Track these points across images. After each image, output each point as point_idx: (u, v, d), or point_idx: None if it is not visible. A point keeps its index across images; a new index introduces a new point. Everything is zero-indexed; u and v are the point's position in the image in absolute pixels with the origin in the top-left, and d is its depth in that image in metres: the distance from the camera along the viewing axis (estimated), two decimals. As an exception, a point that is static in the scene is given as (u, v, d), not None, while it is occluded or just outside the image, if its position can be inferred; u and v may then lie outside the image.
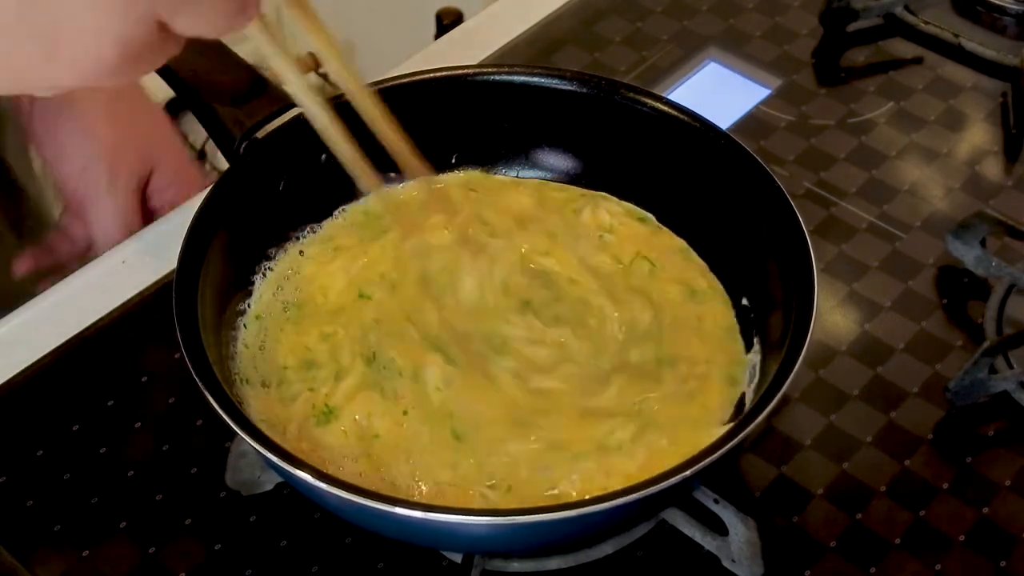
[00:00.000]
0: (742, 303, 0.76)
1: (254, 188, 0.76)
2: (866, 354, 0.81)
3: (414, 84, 0.81)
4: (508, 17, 1.05)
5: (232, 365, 0.72)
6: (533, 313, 0.75)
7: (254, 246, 0.77)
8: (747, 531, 0.68)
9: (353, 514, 0.66)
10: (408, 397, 0.71)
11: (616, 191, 0.82)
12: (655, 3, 1.06)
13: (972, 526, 0.73)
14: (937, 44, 1.02)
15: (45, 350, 0.81)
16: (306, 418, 0.70)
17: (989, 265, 0.83)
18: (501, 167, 0.84)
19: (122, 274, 0.85)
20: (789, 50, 1.02)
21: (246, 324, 0.75)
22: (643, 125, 0.80)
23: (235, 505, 0.73)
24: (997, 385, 0.78)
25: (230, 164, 0.75)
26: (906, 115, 0.97)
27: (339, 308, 0.75)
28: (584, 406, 0.71)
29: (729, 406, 0.72)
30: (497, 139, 0.83)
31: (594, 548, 0.71)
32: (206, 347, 0.67)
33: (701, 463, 0.61)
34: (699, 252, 0.79)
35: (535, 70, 0.82)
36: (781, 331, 0.69)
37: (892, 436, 0.77)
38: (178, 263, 0.70)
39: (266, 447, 0.62)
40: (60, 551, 0.72)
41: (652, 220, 0.81)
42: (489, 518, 0.63)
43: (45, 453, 0.76)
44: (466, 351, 0.73)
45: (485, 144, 0.83)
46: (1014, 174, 0.93)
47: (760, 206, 0.75)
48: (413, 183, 0.78)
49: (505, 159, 0.84)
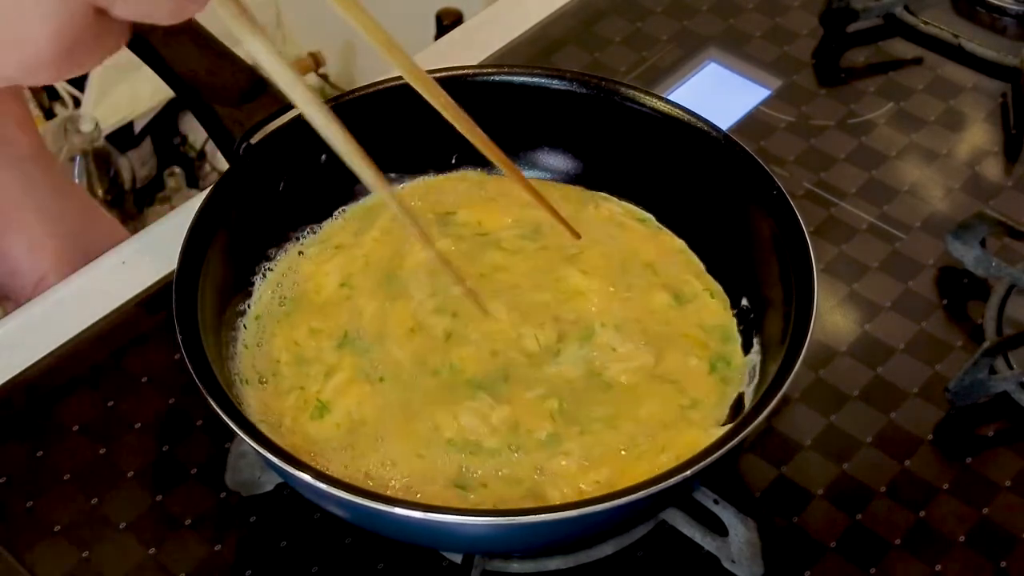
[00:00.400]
0: (742, 304, 0.76)
1: (254, 188, 0.76)
2: (866, 354, 0.81)
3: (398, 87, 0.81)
4: (508, 17, 1.05)
5: (232, 365, 0.72)
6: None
7: (254, 246, 0.77)
8: (747, 532, 0.68)
9: (351, 514, 0.66)
10: (383, 365, 0.72)
11: (616, 191, 0.82)
12: (655, 3, 1.06)
13: (972, 526, 0.73)
14: (937, 44, 1.02)
15: (45, 350, 0.81)
16: (299, 412, 0.71)
17: (989, 265, 0.83)
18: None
19: (122, 274, 0.85)
20: (789, 50, 1.02)
21: (246, 324, 0.75)
22: (643, 125, 0.80)
23: (235, 505, 0.73)
24: (997, 385, 0.78)
25: (230, 164, 0.75)
26: (906, 115, 0.97)
27: (328, 302, 0.76)
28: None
29: (725, 406, 0.72)
30: (497, 140, 0.83)
31: (594, 548, 0.71)
32: (206, 348, 0.67)
33: (701, 463, 0.61)
34: (699, 252, 0.79)
35: (535, 70, 0.82)
36: (781, 331, 0.69)
37: (892, 436, 0.77)
38: (178, 263, 0.70)
39: (266, 448, 0.62)
40: (60, 551, 0.72)
41: (652, 221, 0.81)
42: (487, 518, 0.63)
43: (45, 453, 0.76)
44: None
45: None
46: (1014, 174, 0.93)
47: (760, 206, 0.75)
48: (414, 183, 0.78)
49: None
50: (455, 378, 0.72)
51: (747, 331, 0.75)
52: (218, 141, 0.75)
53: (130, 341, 0.82)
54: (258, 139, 0.74)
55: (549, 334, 0.74)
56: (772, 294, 0.73)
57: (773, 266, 0.73)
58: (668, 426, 0.70)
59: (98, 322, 0.83)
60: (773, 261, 0.73)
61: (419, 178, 0.83)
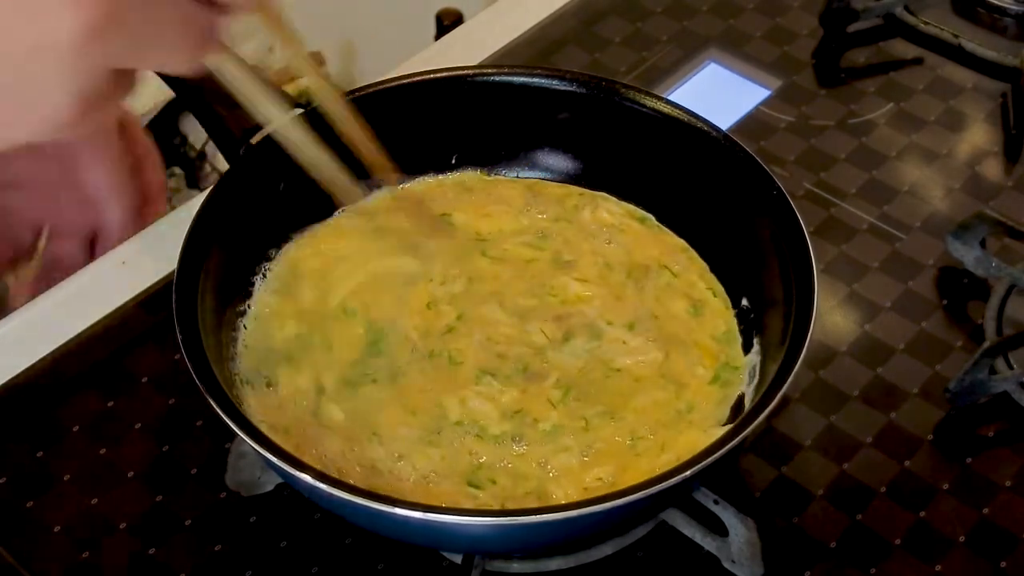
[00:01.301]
0: (742, 304, 0.76)
1: (254, 189, 0.76)
2: (866, 354, 0.81)
3: (414, 85, 0.81)
4: (508, 18, 1.05)
5: (232, 366, 0.72)
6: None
7: (254, 246, 0.77)
8: (747, 532, 0.68)
9: (351, 514, 0.66)
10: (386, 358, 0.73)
11: (616, 191, 0.82)
12: (655, 4, 1.06)
13: (972, 526, 0.73)
14: (937, 45, 1.02)
15: (45, 351, 0.81)
16: (301, 410, 0.71)
17: (989, 266, 0.83)
18: (501, 168, 0.84)
19: (122, 274, 0.85)
20: (789, 51, 1.02)
21: (246, 325, 0.75)
22: (643, 126, 0.80)
23: (235, 506, 0.73)
24: (997, 386, 0.78)
25: (231, 165, 0.75)
26: (906, 116, 0.97)
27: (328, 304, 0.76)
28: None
29: (726, 407, 0.72)
30: (497, 140, 0.83)
31: (594, 548, 0.71)
32: (206, 349, 0.67)
33: (700, 464, 0.61)
34: (699, 252, 0.80)
35: (535, 71, 0.82)
36: (781, 332, 0.69)
37: (892, 437, 0.77)
38: (178, 263, 0.70)
39: (265, 447, 0.62)
40: (60, 552, 0.72)
41: (652, 220, 0.81)
42: (488, 518, 0.63)
43: (45, 454, 0.76)
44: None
45: (485, 145, 0.83)
46: (1014, 175, 0.93)
47: (760, 207, 0.75)
48: (383, 191, 0.79)
49: (505, 160, 0.84)
50: (458, 367, 0.73)
51: (747, 331, 0.75)
52: (219, 142, 0.75)
53: (130, 341, 0.82)
54: (258, 140, 0.74)
55: (554, 330, 0.74)
56: (772, 294, 0.73)
57: (773, 266, 0.73)
58: (667, 425, 0.70)
59: (98, 322, 0.83)
60: (773, 262, 0.73)
61: (418, 178, 0.83)
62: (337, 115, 0.73)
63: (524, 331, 0.74)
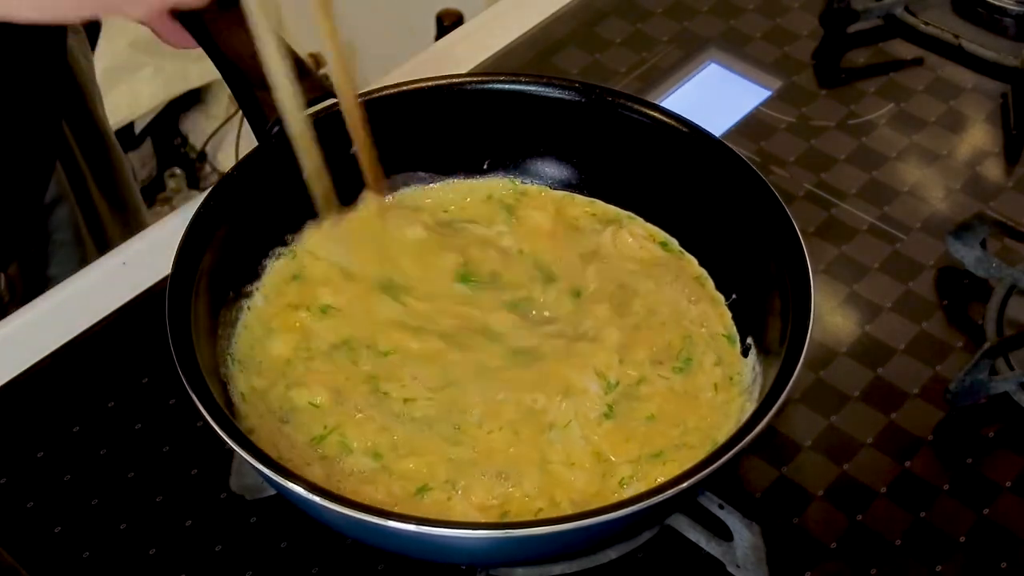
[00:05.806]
0: (731, 297, 0.76)
1: (280, 172, 0.75)
2: (866, 355, 0.81)
3: (413, 91, 0.81)
4: (508, 18, 1.05)
5: (232, 367, 0.72)
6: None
7: (271, 231, 0.78)
8: (752, 537, 0.68)
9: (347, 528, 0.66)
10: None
11: (611, 198, 0.82)
12: (655, 4, 1.06)
13: (972, 527, 0.73)
14: (937, 45, 1.02)
15: (45, 351, 0.81)
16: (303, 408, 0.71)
17: (989, 266, 0.83)
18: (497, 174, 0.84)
19: (122, 275, 0.85)
20: (789, 51, 1.02)
21: (246, 325, 0.75)
22: (636, 132, 0.80)
23: (235, 507, 0.73)
24: (997, 386, 0.78)
25: (259, 144, 0.75)
26: (906, 116, 0.97)
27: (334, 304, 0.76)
28: None
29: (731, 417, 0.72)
30: (497, 146, 0.83)
31: (598, 554, 0.71)
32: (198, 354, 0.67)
33: (704, 471, 0.61)
34: (697, 254, 0.79)
35: (521, 78, 0.82)
36: (780, 336, 0.69)
37: (892, 437, 0.77)
38: (180, 247, 0.70)
39: (258, 459, 0.62)
40: (60, 552, 0.72)
41: (674, 244, 0.81)
42: (487, 532, 0.63)
43: (45, 454, 0.76)
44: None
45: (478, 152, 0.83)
46: (1014, 175, 0.93)
47: (755, 211, 0.75)
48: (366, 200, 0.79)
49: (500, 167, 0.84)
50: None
51: (745, 334, 0.75)
52: (252, 121, 0.75)
53: (130, 341, 0.82)
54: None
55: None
56: (770, 299, 0.73)
57: (771, 271, 0.73)
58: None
59: (98, 322, 0.83)
60: (770, 266, 0.73)
61: (448, 179, 0.83)
62: (350, 113, 0.73)
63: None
